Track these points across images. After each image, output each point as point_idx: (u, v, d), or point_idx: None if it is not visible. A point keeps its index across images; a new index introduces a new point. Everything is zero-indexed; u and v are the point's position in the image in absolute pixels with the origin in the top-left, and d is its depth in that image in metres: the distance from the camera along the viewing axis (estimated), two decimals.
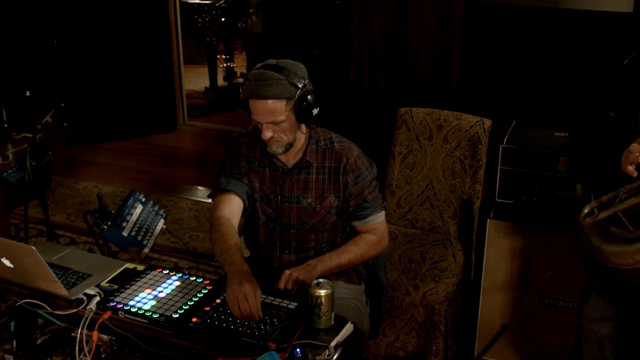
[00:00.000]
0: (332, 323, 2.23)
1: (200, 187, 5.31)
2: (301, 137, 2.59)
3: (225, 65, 7.75)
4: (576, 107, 3.54)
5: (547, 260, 3.18)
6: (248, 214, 2.70)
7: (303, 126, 2.58)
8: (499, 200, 3.27)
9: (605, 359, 2.44)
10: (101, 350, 2.26)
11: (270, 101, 2.38)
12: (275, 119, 2.42)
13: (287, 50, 4.15)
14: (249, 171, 2.65)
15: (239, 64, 8.07)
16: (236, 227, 2.55)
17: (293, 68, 2.46)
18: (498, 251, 3.30)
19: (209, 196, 2.70)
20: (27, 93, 5.45)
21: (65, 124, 6.19)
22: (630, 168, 1.98)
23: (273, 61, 2.47)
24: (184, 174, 5.61)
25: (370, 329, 2.94)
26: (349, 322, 2.27)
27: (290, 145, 2.53)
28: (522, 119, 3.54)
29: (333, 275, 2.67)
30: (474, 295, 3.48)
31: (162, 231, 3.11)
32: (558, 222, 3.13)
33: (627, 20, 3.55)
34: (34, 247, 2.19)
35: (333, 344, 2.15)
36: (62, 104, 6.11)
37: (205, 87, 7.48)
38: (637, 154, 1.95)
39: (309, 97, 2.44)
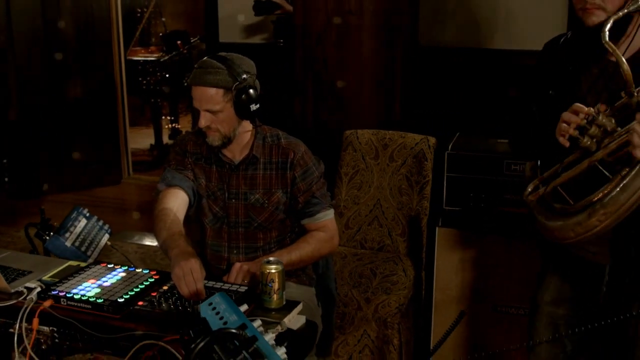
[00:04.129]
0: (284, 303, 2.18)
1: (146, 233, 5.23)
2: (246, 134, 2.59)
3: (170, 126, 7.76)
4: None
5: (498, 266, 3.19)
6: (194, 214, 2.66)
7: (248, 123, 2.58)
8: (446, 208, 3.28)
9: (560, 341, 2.41)
10: (42, 341, 2.16)
11: (207, 88, 2.42)
12: (212, 107, 2.43)
13: None
14: (195, 168, 2.63)
15: (185, 126, 8.10)
16: (181, 220, 2.50)
17: (238, 61, 2.49)
18: (448, 260, 3.30)
19: (154, 193, 2.66)
20: None
21: (6, 179, 6.08)
22: (562, 139, 2.00)
23: (223, 53, 2.50)
24: (128, 222, 5.53)
25: (323, 346, 2.88)
26: (300, 303, 2.22)
27: (228, 139, 2.52)
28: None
29: None
30: (427, 312, 3.45)
31: (107, 247, 3.03)
32: (506, 226, 3.15)
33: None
34: None
35: (286, 320, 2.10)
36: (4, 160, 6.03)
37: (151, 144, 7.46)
38: (568, 125, 1.98)
39: (249, 91, 2.45)
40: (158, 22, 8.22)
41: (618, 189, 1.84)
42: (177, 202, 2.54)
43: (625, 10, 1.94)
